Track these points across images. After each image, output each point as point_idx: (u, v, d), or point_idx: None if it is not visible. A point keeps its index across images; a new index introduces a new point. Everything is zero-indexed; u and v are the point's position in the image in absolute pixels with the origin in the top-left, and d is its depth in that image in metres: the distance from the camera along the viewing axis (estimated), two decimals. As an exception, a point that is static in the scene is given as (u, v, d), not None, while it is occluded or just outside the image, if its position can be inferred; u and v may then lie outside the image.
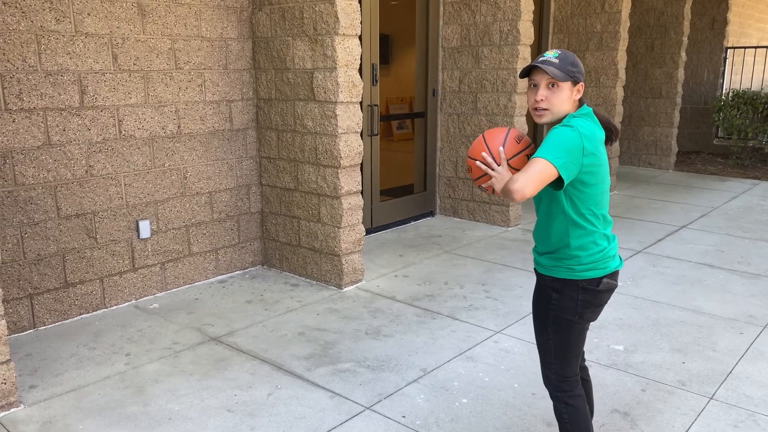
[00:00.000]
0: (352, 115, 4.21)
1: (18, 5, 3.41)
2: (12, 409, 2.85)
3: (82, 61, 3.70)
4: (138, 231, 4.11)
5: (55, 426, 2.75)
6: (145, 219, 4.14)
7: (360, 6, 4.23)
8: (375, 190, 5.75)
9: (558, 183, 1.96)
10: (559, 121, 2.06)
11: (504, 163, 2.05)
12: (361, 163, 4.43)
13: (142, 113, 4.02)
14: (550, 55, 2.04)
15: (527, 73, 2.07)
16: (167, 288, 4.34)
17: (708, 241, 5.58)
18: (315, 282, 4.53)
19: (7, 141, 3.47)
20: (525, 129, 5.95)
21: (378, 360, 3.35)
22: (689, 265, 4.93)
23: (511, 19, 5.67)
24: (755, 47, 10.91)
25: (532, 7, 5.74)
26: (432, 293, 4.32)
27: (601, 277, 2.08)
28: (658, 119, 9.22)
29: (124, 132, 3.95)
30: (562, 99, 2.03)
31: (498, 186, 2.03)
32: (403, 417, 2.82)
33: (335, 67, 4.05)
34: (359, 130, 4.28)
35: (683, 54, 8.94)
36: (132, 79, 3.94)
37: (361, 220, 4.42)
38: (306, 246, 4.55)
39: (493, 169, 2.05)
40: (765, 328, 3.77)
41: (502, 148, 2.06)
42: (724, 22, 10.42)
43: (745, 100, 9.58)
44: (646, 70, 9.19)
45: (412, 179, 6.38)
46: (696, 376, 3.18)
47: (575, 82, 2.04)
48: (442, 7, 6.11)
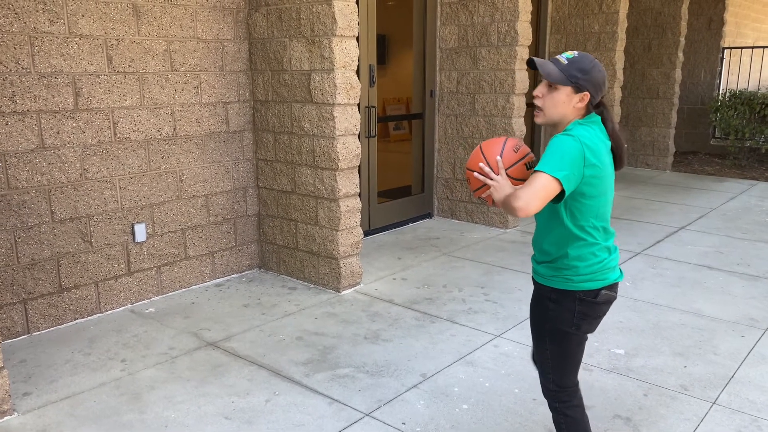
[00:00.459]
0: (350, 117, 4.17)
1: (11, 6, 3.36)
2: (5, 418, 2.80)
3: (77, 63, 3.65)
4: (133, 234, 4.06)
5: (49, 434, 2.70)
6: (141, 222, 4.09)
7: (357, 6, 4.18)
8: (372, 192, 5.71)
9: (558, 195, 1.91)
10: (563, 126, 2.01)
11: (502, 172, 2.01)
12: (359, 165, 4.38)
13: (138, 115, 3.98)
14: (565, 55, 1.98)
15: (532, 65, 2.02)
16: (163, 292, 4.29)
17: (707, 243, 5.56)
18: (313, 285, 4.49)
19: (0, 144, 3.42)
20: (523, 130, 5.93)
21: (377, 365, 3.31)
22: (689, 266, 4.91)
23: (509, 19, 5.64)
24: (752, 47, 10.91)
25: (530, 8, 5.71)
26: (431, 296, 4.28)
27: (600, 289, 2.03)
28: (656, 120, 9.21)
29: (119, 134, 3.91)
30: (555, 102, 1.97)
31: (497, 196, 1.98)
32: (403, 424, 2.78)
33: (333, 69, 4.01)
34: (357, 132, 4.24)
35: (680, 54, 8.93)
36: (127, 80, 3.89)
37: (359, 223, 4.38)
38: (303, 249, 4.51)
39: (491, 179, 2.01)
40: (766, 331, 3.74)
41: (499, 158, 2.03)
42: (721, 23, 10.41)
43: (743, 100, 9.58)
44: (643, 71, 9.17)
45: (409, 180, 6.35)
46: (698, 381, 3.15)
47: (578, 90, 1.95)
48: (439, 8, 6.08)
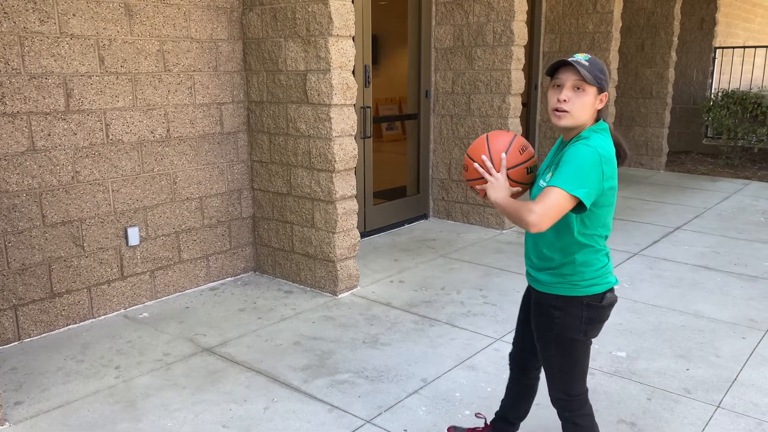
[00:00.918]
0: (347, 118, 4.11)
1: (0, 6, 3.29)
2: (-4, 428, 2.73)
3: (68, 64, 3.58)
4: (127, 238, 3.99)
5: (42, 445, 2.64)
6: (134, 226, 4.02)
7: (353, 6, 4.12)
8: (368, 193, 5.65)
9: (575, 207, 1.89)
10: (578, 131, 1.96)
11: (503, 170, 1.97)
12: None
13: (130, 117, 3.91)
14: (581, 57, 1.93)
15: (554, 70, 1.96)
16: (157, 296, 4.22)
17: (703, 243, 5.54)
18: (309, 288, 4.43)
19: (-10, 147, 3.35)
20: (519, 130, 5.89)
21: (377, 370, 3.26)
22: (686, 267, 4.89)
23: (504, 19, 5.61)
24: (744, 47, 10.95)
25: (526, 7, 5.68)
26: (429, 299, 4.24)
27: (604, 293, 2.02)
28: (649, 119, 9.21)
29: (111, 136, 3.83)
30: (585, 104, 1.92)
31: (492, 194, 1.95)
32: (405, 430, 2.73)
33: (329, 69, 3.96)
34: (354, 134, 4.19)
35: (674, 54, 8.93)
36: (119, 81, 3.82)
37: (356, 225, 4.33)
38: (300, 252, 4.44)
39: (491, 175, 1.97)
40: (767, 332, 3.72)
41: (504, 155, 1.98)
42: (713, 22, 10.44)
43: (735, 100, 9.61)
44: (636, 71, 9.18)
45: (404, 181, 6.30)
46: (701, 384, 3.12)
47: (600, 90, 1.94)
48: (434, 7, 6.03)
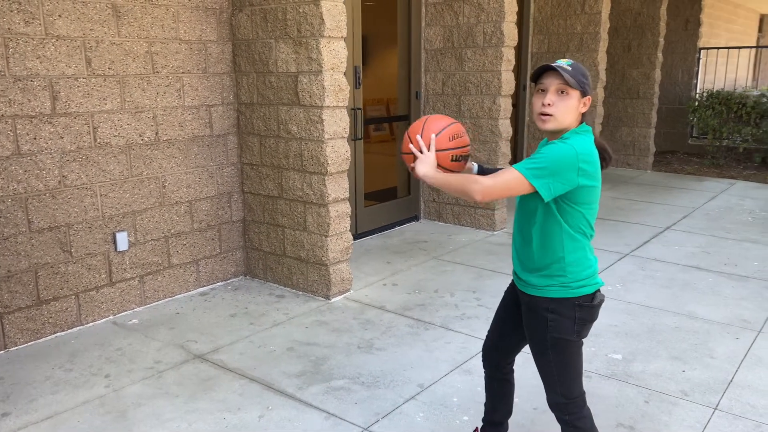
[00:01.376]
0: (339, 120, 4.07)
1: (-17, 6, 3.20)
2: (-17, 441, 2.66)
3: (54, 66, 3.50)
4: (115, 243, 3.91)
5: (31, 458, 2.56)
6: (123, 231, 3.94)
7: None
8: (359, 196, 5.61)
9: (540, 200, 1.96)
10: (560, 134, 2.01)
11: (433, 149, 2.09)
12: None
13: (118, 120, 3.83)
14: (563, 62, 1.99)
15: (538, 76, 2.02)
16: (147, 302, 4.15)
17: (693, 243, 5.57)
18: (301, 293, 4.38)
19: (-26, 151, 3.26)
20: (509, 132, 5.88)
21: (372, 376, 3.22)
22: (677, 267, 4.91)
23: (494, 20, 5.59)
24: (727, 48, 11.06)
25: (516, 9, 5.67)
26: (423, 302, 4.20)
27: (594, 293, 2.08)
28: (636, 120, 9.26)
29: (99, 140, 3.76)
30: (569, 107, 1.98)
31: (420, 169, 2.06)
32: (403, 437, 2.70)
33: (321, 71, 3.91)
34: (346, 136, 4.14)
35: (660, 55, 8.99)
36: (107, 83, 3.74)
37: (348, 228, 4.29)
38: (291, 255, 4.39)
39: (421, 152, 2.10)
40: (760, 332, 3.74)
41: (434, 136, 2.11)
42: (698, 23, 10.52)
43: (720, 100, 9.69)
44: (623, 71, 9.22)
45: (394, 182, 6.27)
46: (698, 386, 3.12)
47: (583, 94, 2.00)
48: (424, 8, 6.01)
